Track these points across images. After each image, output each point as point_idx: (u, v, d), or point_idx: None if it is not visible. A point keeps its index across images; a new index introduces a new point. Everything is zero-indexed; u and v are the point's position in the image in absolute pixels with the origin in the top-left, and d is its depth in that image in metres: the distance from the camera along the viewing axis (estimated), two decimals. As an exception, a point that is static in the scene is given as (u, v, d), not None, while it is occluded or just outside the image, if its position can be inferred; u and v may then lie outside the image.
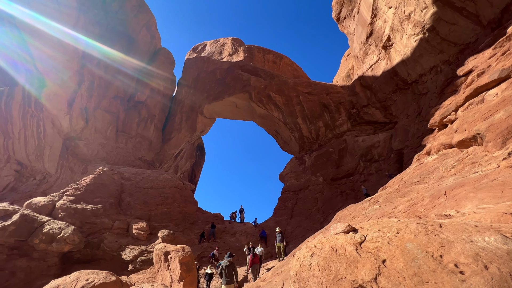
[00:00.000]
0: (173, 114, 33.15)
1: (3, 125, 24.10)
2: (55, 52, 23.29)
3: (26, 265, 13.30)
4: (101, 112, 26.62)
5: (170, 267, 12.15)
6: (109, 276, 9.90)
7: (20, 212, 14.23)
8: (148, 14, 33.12)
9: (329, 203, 21.86)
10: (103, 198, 18.86)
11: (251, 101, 28.95)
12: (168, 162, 32.46)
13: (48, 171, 24.31)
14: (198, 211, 23.59)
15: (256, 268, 12.55)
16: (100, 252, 15.86)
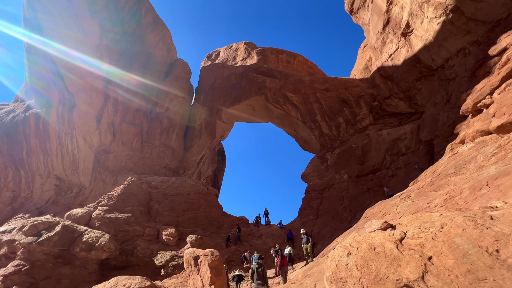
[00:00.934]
0: (193, 121, 34.03)
1: (42, 144, 26.21)
2: (83, 76, 25.01)
3: (69, 272, 14.25)
4: (126, 125, 28.01)
5: (200, 271, 12.37)
6: (144, 281, 10.30)
7: (62, 223, 15.31)
8: (163, 28, 34.47)
9: (356, 201, 21.10)
10: (133, 206, 19.75)
11: (268, 102, 28.92)
12: (191, 168, 33.30)
13: (83, 183, 25.98)
14: (223, 215, 23.86)
15: (285, 270, 12.39)
16: (134, 259, 16.58)
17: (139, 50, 29.59)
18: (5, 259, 15.56)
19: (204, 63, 40.32)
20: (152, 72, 31.44)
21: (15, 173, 26.91)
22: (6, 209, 25.60)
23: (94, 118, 25.96)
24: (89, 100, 25.87)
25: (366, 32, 27.28)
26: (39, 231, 14.94)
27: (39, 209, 24.60)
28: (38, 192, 26.54)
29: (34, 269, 13.65)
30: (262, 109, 31.09)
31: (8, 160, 26.81)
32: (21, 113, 27.27)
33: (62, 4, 23.27)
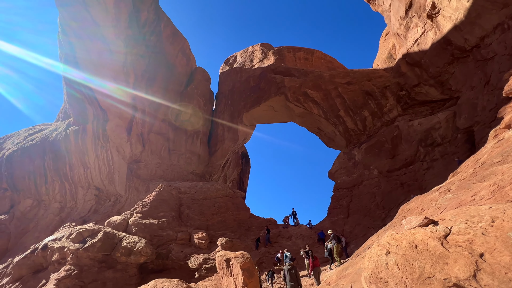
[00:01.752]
0: (215, 127, 34.81)
1: (81, 157, 28.49)
2: (113, 93, 26.84)
3: (112, 276, 15.26)
4: (154, 135, 29.45)
5: (232, 273, 12.52)
6: (180, 284, 10.70)
7: (103, 230, 16.48)
8: (182, 39, 35.84)
9: (389, 197, 20.03)
10: (165, 212, 20.65)
11: (288, 102, 28.65)
12: (217, 173, 34.02)
13: (119, 192, 27.74)
14: (251, 217, 24.00)
15: (318, 272, 12.08)
16: (169, 262, 17.29)
17: (161, 62, 31.05)
18: (57, 264, 17.11)
19: (222, 69, 41.15)
20: (174, 82, 32.78)
21: (61, 186, 29.53)
22: (55, 219, 28.17)
23: (125, 130, 27.66)
24: (119, 114, 27.64)
25: (387, 19, 25.95)
26: (84, 238, 16.23)
27: (83, 217, 26.71)
28: (81, 202, 28.83)
29: (82, 273, 14.84)
30: (283, 109, 30.88)
31: (55, 175, 29.51)
32: (62, 131, 29.93)
33: (90, 27, 25.22)
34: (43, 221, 28.38)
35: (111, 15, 24.41)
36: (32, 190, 30.21)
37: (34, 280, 18.37)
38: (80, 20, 24.52)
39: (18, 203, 30.22)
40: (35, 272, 19.17)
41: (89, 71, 26.67)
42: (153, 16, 30.01)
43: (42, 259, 18.61)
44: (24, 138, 34.50)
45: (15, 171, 30.49)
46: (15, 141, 35.54)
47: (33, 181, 30.09)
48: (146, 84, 29.00)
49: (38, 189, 30.05)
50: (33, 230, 27.84)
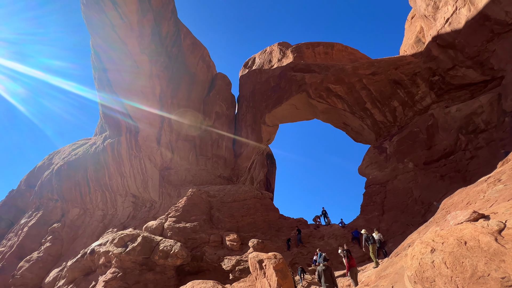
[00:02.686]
0: (239, 129, 35.29)
1: (118, 168, 30.62)
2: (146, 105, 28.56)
3: (153, 278, 16.13)
4: (181, 142, 30.68)
5: (266, 275, 12.51)
6: (216, 285, 10.96)
7: (142, 235, 17.52)
8: (201, 47, 36.99)
9: (428, 191, 18.63)
10: (197, 216, 21.34)
11: (310, 98, 28.08)
12: (243, 175, 34.41)
13: (153, 198, 29.30)
14: (281, 218, 23.85)
15: (354, 272, 11.58)
16: (204, 264, 17.82)
17: (183, 71, 32.33)
18: (104, 267, 18.53)
19: (242, 72, 41.64)
20: (197, 89, 33.90)
21: (102, 195, 32.02)
22: (100, 226, 30.57)
23: (155, 139, 29.20)
24: (149, 125, 29.27)
25: (411, 1, 24.32)
26: (125, 242, 17.38)
27: (123, 223, 28.64)
28: (120, 209, 30.95)
29: (126, 275, 15.90)
30: (305, 107, 30.35)
31: (96, 185, 32.09)
32: (100, 144, 32.48)
33: (118, 46, 27.10)
34: (89, 227, 30.95)
35: (135, 32, 25.99)
36: (78, 200, 33.13)
37: (85, 282, 20.09)
38: (109, 41, 26.46)
39: (67, 212, 33.33)
40: (86, 274, 20.95)
41: (120, 87, 28.67)
42: (173, 29, 31.39)
43: (91, 262, 20.28)
44: (69, 153, 38.01)
45: (63, 183, 33.70)
46: (61, 156, 39.30)
47: (79, 191, 33.00)
48: (171, 94, 30.38)
49: (83, 198, 32.88)
50: (81, 236, 30.48)
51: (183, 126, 31.12)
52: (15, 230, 36.02)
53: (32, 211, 36.65)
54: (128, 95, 28.64)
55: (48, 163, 41.70)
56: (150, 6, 26.02)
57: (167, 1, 29.07)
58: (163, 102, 29.57)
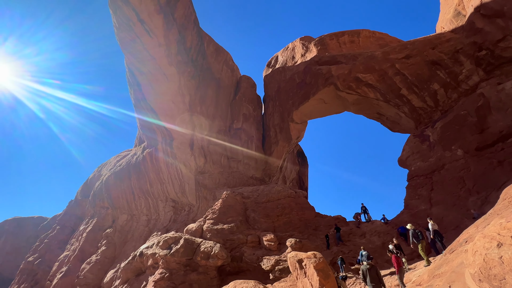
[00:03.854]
0: (267, 129, 35.29)
1: (157, 175, 32.66)
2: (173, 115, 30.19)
3: (197, 278, 16.84)
4: (213, 146, 31.66)
5: (307, 274, 12.25)
6: (257, 285, 11.03)
7: (183, 237, 18.41)
8: (224, 52, 37.86)
9: (483, 179, 16.62)
10: (233, 217, 21.79)
11: (339, 91, 26.98)
12: (275, 175, 34.30)
13: (191, 202, 30.65)
14: (317, 216, 23.23)
15: (402, 272, 10.73)
16: (243, 264, 18.09)
17: (209, 78, 33.41)
18: (152, 268, 19.86)
19: (266, 72, 41.63)
20: (223, 94, 34.73)
21: (145, 201, 34.45)
22: (145, 230, 32.91)
23: (188, 146, 30.58)
24: (180, 132, 30.77)
25: (445, -28, 22.06)
26: (169, 245, 18.43)
27: (165, 227, 30.44)
28: (162, 214, 32.95)
29: (172, 276, 16.84)
30: (334, 100, 29.25)
31: (139, 192, 34.63)
32: (140, 154, 35.01)
33: (148, 62, 29.01)
34: (136, 232, 33.49)
35: (163, 47, 27.55)
36: (125, 207, 36.06)
37: (137, 282, 21.74)
38: (140, 58, 28.45)
39: (117, 218, 36.48)
40: (137, 275, 22.67)
41: (153, 99, 30.61)
42: (197, 39, 32.63)
43: (141, 264, 21.90)
44: (114, 164, 41.62)
45: (112, 192, 36.97)
46: (108, 167, 43.18)
47: (125, 199, 35.93)
48: (199, 101, 31.56)
49: (129, 205, 35.69)
50: (130, 240, 33.11)
51: (212, 131, 32.13)
52: (76, 236, 40.51)
53: (88, 219, 40.87)
54: (160, 106, 30.48)
55: (97, 174, 46.17)
56: (174, 20, 27.39)
57: (189, 13, 30.33)
58: (192, 110, 30.86)
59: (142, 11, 24.89)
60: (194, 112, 30.93)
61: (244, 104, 35.35)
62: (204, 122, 31.58)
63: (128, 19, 25.60)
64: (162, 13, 25.78)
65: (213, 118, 32.44)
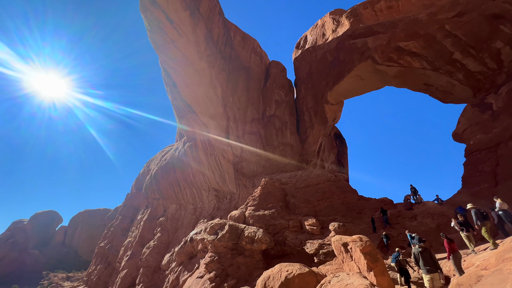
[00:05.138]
0: (301, 114, 34.40)
1: (198, 166, 34.51)
2: (208, 107, 31.17)
3: (243, 261, 17.74)
4: (248, 135, 32.13)
5: (353, 258, 11.98)
6: (303, 267, 11.17)
7: (228, 223, 19.41)
8: (251, 40, 37.38)
9: None
10: (273, 203, 22.13)
11: (377, 65, 24.78)
12: (312, 159, 33.60)
13: (232, 191, 31.91)
14: (361, 199, 22.29)
15: (458, 257, 9.58)
16: (287, 248, 18.43)
17: (238, 68, 33.52)
18: (202, 252, 21.48)
19: (295, 54, 40.11)
20: (254, 82, 34.62)
21: (190, 192, 36.93)
22: (193, 218, 35.48)
23: (224, 136, 31.54)
24: (216, 124, 31.78)
25: None
26: (216, 230, 19.62)
27: (210, 214, 32.39)
28: (206, 202, 35.03)
29: (221, 259, 18.02)
30: (372, 75, 27.03)
31: (184, 183, 37.19)
32: (181, 148, 37.30)
33: (180, 59, 30.18)
34: (185, 220, 36.31)
35: (192, 43, 28.28)
36: (174, 197, 39.17)
37: (190, 264, 23.79)
38: (173, 57, 29.70)
39: (167, 208, 39.92)
40: (190, 258, 24.79)
41: (188, 95, 31.98)
42: (223, 30, 32.70)
43: (192, 248, 23.83)
44: (160, 159, 45.12)
45: (160, 184, 40.38)
46: (155, 162, 47.01)
47: (173, 190, 38.95)
48: (231, 92, 32.02)
49: (177, 195, 38.65)
50: (181, 227, 36.09)
51: (246, 120, 32.51)
52: (135, 224, 45.63)
53: (143, 209, 45.57)
54: (195, 101, 31.74)
55: (147, 169, 50.72)
56: (199, 14, 27.78)
57: (213, 5, 30.41)
58: (225, 101, 31.50)
59: (170, 10, 25.72)
60: (227, 103, 31.55)
61: (275, 90, 34.82)
62: (237, 112, 32.08)
63: (158, 21, 26.73)
64: (188, 9, 26.31)
65: (245, 108, 32.73)
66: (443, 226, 15.78)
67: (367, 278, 6.72)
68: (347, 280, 6.43)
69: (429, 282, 8.10)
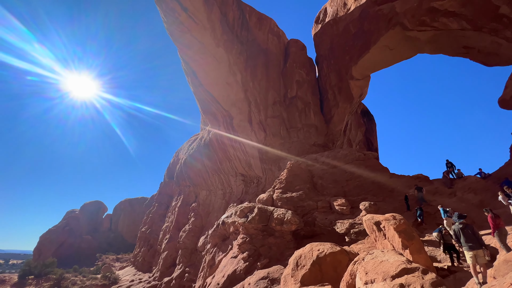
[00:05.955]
0: (324, 93, 33.10)
1: (224, 153, 35.35)
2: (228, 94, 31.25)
3: (274, 241, 18.27)
4: (270, 119, 31.91)
5: (386, 236, 11.71)
6: (334, 246, 11.19)
7: (257, 206, 19.93)
8: (267, 20, 36.03)
9: None
10: (300, 185, 22.13)
11: (407, 31, 22.62)
12: (339, 139, 32.59)
13: (258, 175, 32.41)
14: (393, 177, 21.36)
15: (504, 234, 8.81)
16: (317, 228, 18.54)
17: (256, 51, 32.78)
18: (234, 234, 22.49)
19: (314, 29, 38.00)
20: (273, 64, 33.74)
21: (218, 178, 38.24)
22: (222, 202, 36.96)
23: (247, 122, 31.66)
24: (238, 110, 31.90)
25: None
26: (245, 213, 20.28)
27: (239, 198, 33.45)
28: (235, 187, 36.11)
29: (253, 240, 18.73)
30: (402, 43, 24.83)
31: (212, 170, 38.52)
32: (206, 136, 38.32)
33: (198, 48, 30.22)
34: (216, 204, 37.96)
35: (208, 30, 28.05)
36: (203, 184, 40.91)
37: (224, 245, 25.11)
38: (190, 46, 29.83)
39: (198, 194, 41.93)
40: (223, 240, 26.13)
41: (208, 83, 32.25)
42: (238, 13, 31.87)
43: (224, 231, 25.03)
44: (187, 148, 46.92)
45: (190, 172, 42.28)
46: (183, 152, 49.02)
47: (201, 177, 40.63)
48: (251, 76, 31.64)
49: (206, 182, 40.28)
50: (212, 211, 37.89)
51: (267, 104, 32.15)
52: (171, 210, 48.84)
53: (176, 196, 48.40)
54: (216, 89, 31.97)
55: (176, 159, 53.22)
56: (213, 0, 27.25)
57: (226, -13, 29.58)
58: (245, 87, 31.29)
59: (184, -2, 25.56)
60: (247, 88, 31.34)
61: (296, 70, 33.68)
62: (258, 97, 31.80)
63: (173, 11, 26.77)
64: (202, -6, 25.93)
65: (266, 91, 32.27)
66: (487, 202, 14.63)
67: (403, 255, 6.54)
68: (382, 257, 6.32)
69: (471, 259, 7.66)
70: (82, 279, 49.84)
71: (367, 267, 6.06)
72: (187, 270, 33.21)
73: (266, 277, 15.20)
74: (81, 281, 47.84)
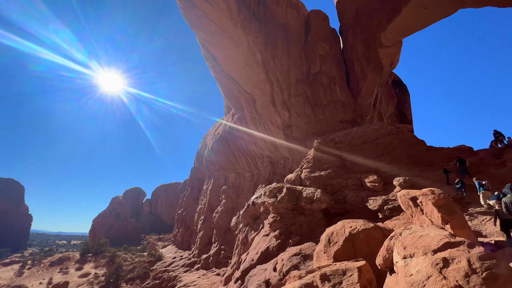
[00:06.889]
0: (350, 65, 31.09)
1: (249, 136, 35.61)
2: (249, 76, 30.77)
3: (304, 220, 18.47)
4: (294, 98, 31.07)
5: (424, 211, 11.17)
6: (367, 223, 10.99)
7: (285, 186, 20.11)
8: (284, -8, 33.94)
9: None
10: (329, 164, 21.69)
11: (446, -16, 19.84)
12: (368, 113, 30.88)
13: (285, 155, 32.36)
14: (430, 150, 19.94)
15: None
16: (348, 206, 18.28)
17: (275, 28, 31.40)
18: (265, 213, 23.14)
19: (337, -3, 35.06)
20: (293, 40, 32.20)
21: (246, 161, 38.96)
22: (251, 184, 37.87)
23: (270, 103, 31.22)
24: (260, 91, 31.44)
25: None
26: (274, 194, 20.61)
27: (267, 180, 33.96)
28: (262, 169, 36.61)
29: (283, 219, 19.13)
30: None
31: (239, 153, 39.26)
32: (231, 121, 38.73)
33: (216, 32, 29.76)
34: (245, 186, 39.03)
35: (224, 11, 27.32)
36: (231, 167, 42.05)
37: (255, 224, 26.06)
38: (208, 30, 29.48)
39: (227, 177, 43.34)
40: (254, 219, 27.10)
41: (228, 66, 32.00)
42: (253, -12, 30.42)
43: (254, 211, 25.85)
44: (213, 134, 48.05)
45: (218, 156, 43.56)
46: (210, 137, 50.36)
47: (230, 160, 41.69)
48: (271, 56, 30.66)
49: (234, 165, 41.31)
50: (242, 193, 39.12)
51: (290, 83, 31.19)
52: (203, 193, 51.43)
53: (207, 180, 50.59)
54: (236, 71, 31.65)
55: (204, 144, 54.99)
56: (227, -23, 26.22)
57: (239, -38, 28.17)
58: (266, 67, 30.51)
59: (198, -20, 24.94)
60: (268, 68, 30.55)
61: (318, 44, 31.83)
62: (280, 76, 30.92)
63: (188, -5, 26.37)
64: (215, -26, 25.05)
65: (288, 69, 31.19)
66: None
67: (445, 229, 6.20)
68: (421, 231, 6.05)
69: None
70: (132, 256, 55.98)
71: (405, 241, 5.86)
72: (222, 248, 35.37)
73: (298, 253, 15.59)
74: (131, 258, 53.78)
